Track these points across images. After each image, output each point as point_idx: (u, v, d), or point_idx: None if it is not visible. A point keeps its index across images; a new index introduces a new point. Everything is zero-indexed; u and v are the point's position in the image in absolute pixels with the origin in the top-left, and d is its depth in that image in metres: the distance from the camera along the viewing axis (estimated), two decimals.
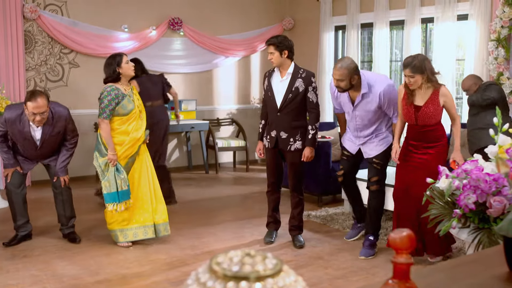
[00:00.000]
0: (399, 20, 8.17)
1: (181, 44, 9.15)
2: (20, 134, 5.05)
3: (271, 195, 5.48)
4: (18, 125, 5.01)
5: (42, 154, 5.27)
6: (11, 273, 4.62)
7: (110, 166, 5.17)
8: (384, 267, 4.79)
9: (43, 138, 5.11)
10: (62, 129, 5.17)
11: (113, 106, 5.12)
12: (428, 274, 1.65)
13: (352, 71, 4.89)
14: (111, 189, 5.17)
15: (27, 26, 7.88)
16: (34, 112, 4.83)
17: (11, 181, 5.27)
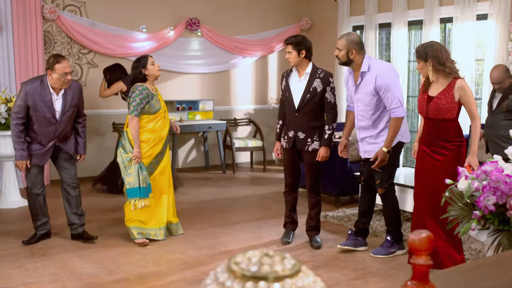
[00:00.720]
0: (418, 20, 8.11)
1: (198, 44, 9.17)
2: (43, 104, 5.10)
3: (289, 196, 5.48)
4: (40, 94, 5.09)
5: (59, 132, 5.27)
6: (30, 271, 4.66)
7: (133, 163, 5.24)
8: (403, 268, 4.76)
9: (63, 109, 5.19)
10: (77, 101, 5.31)
11: (144, 104, 5.25)
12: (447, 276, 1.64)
13: (351, 43, 4.86)
14: (134, 184, 5.26)
15: (47, 27, 7.95)
16: (66, 71, 5.06)
17: (31, 183, 5.31)
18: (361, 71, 4.90)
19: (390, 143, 4.86)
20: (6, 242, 5.43)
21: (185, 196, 7.38)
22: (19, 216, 6.38)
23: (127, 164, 5.30)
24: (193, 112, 9.12)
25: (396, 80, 4.87)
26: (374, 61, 4.98)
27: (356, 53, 4.87)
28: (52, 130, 5.23)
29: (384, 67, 4.91)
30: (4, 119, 6.46)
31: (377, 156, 4.87)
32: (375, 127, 4.99)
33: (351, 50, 4.86)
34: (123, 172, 5.33)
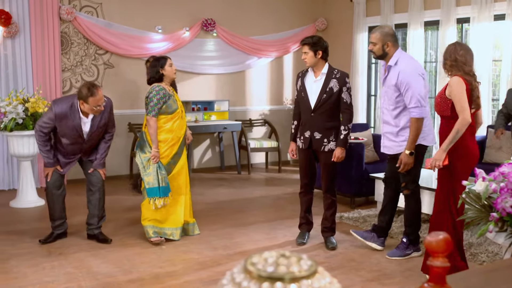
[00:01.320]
0: (434, 20, 8.07)
1: (214, 45, 9.19)
2: (70, 128, 5.12)
3: (304, 196, 5.47)
4: (69, 118, 5.09)
5: (86, 148, 5.35)
6: (46, 270, 4.70)
7: (152, 162, 5.28)
8: (418, 270, 4.73)
9: (92, 130, 5.22)
10: (106, 120, 5.30)
11: (161, 104, 5.28)
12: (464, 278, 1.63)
13: (385, 35, 4.86)
14: (153, 183, 5.28)
15: (63, 28, 8.01)
16: (98, 104, 5.01)
17: (51, 183, 5.34)
18: (388, 64, 4.91)
19: (411, 144, 4.79)
20: (23, 241, 5.48)
21: (201, 196, 7.40)
22: (35, 215, 6.43)
23: (146, 164, 5.33)
24: (208, 113, 9.14)
25: (418, 79, 4.78)
26: (404, 56, 4.94)
27: (391, 45, 4.87)
28: (79, 147, 5.31)
29: (409, 65, 4.85)
30: (21, 119, 6.52)
31: (401, 160, 4.84)
32: (395, 124, 4.96)
33: (386, 42, 4.86)
34: (142, 172, 5.36)
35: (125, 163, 8.59)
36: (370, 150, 7.41)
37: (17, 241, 5.48)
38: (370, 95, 9.37)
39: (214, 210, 6.75)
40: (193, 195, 6.97)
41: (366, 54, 9.23)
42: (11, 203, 6.87)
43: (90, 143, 5.33)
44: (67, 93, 8.06)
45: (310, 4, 9.98)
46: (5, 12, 7.36)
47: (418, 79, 4.78)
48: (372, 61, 9.30)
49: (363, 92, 9.25)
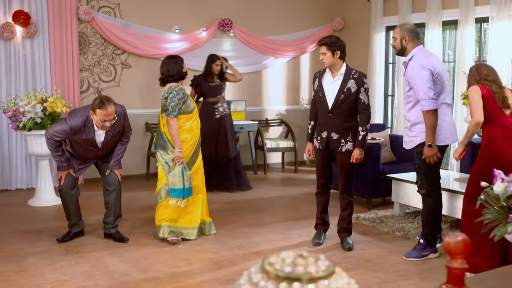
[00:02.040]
0: (453, 20, 8.00)
1: (231, 45, 9.20)
2: (83, 140, 5.15)
3: (320, 197, 5.45)
4: (83, 132, 5.11)
5: (101, 155, 5.42)
6: (64, 269, 4.73)
7: (177, 164, 5.28)
8: (436, 271, 4.70)
9: (106, 139, 5.25)
10: (121, 128, 5.30)
11: (181, 105, 5.29)
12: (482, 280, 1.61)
13: (404, 30, 4.94)
14: (178, 184, 5.28)
15: (82, 28, 8.07)
16: (105, 119, 4.96)
17: (65, 184, 5.38)
18: (404, 59, 5.00)
19: (429, 136, 4.80)
20: (41, 239, 5.52)
21: (216, 196, 7.41)
22: (53, 214, 6.48)
23: (171, 164, 5.33)
24: None
25: (422, 72, 4.78)
26: (420, 52, 4.92)
27: (409, 40, 4.91)
28: (94, 155, 5.37)
29: (418, 60, 4.86)
30: (40, 119, 6.57)
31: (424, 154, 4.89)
32: (408, 118, 5.02)
33: (404, 37, 4.92)
34: (167, 172, 5.35)
35: (142, 162, 8.62)
36: (387, 150, 7.37)
37: (35, 239, 5.53)
38: (387, 95, 9.32)
39: (230, 210, 6.75)
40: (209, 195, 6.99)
41: (384, 54, 9.18)
42: (29, 202, 6.94)
43: (105, 150, 5.38)
44: (85, 92, 8.12)
45: (327, 4, 9.95)
46: (24, 13, 7.43)
47: (422, 72, 4.78)
48: (389, 61, 9.25)
49: (380, 93, 9.21)
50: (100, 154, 5.39)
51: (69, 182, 5.38)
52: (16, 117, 6.59)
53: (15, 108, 6.59)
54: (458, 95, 7.72)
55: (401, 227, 5.94)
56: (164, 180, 5.39)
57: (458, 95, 7.72)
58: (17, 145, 7.71)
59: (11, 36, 7.45)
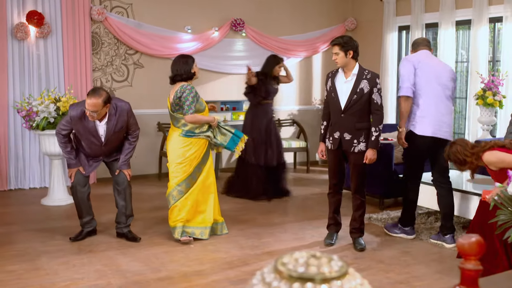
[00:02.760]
0: (466, 20, 7.96)
1: (243, 45, 9.20)
2: (85, 130, 5.20)
3: (333, 197, 5.44)
4: (83, 121, 5.16)
5: (106, 151, 5.41)
6: (77, 267, 4.76)
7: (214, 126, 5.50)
8: (449, 273, 4.68)
9: (108, 134, 5.25)
10: (124, 124, 5.31)
11: (195, 102, 5.33)
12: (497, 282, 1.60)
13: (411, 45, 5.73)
14: (227, 139, 5.55)
15: (94, 28, 8.10)
16: (87, 108, 5.00)
17: (76, 180, 5.41)
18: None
19: (400, 120, 5.51)
20: (54, 238, 5.56)
21: (228, 196, 7.41)
22: (66, 213, 6.52)
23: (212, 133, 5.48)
24: (237, 113, 9.16)
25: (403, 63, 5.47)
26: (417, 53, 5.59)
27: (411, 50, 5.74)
28: (99, 150, 5.37)
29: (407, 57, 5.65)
30: (53, 118, 6.61)
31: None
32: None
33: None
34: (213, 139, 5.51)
35: (154, 162, 8.65)
36: (399, 150, 7.33)
37: (48, 238, 5.56)
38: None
39: (242, 210, 6.76)
40: (222, 195, 7.00)
41: (396, 54, 9.15)
42: (43, 201, 6.98)
43: (110, 146, 5.37)
44: None
45: (339, 3, 9.93)
46: (38, 13, 7.48)
47: (404, 63, 5.45)
48: None
49: (392, 93, 9.17)
50: (105, 150, 5.38)
51: (80, 179, 5.41)
52: (29, 116, 6.64)
53: (28, 107, 6.63)
54: (472, 95, 7.68)
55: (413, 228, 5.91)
56: (175, 181, 5.40)
57: (472, 95, 7.68)
58: (30, 144, 7.76)
59: (25, 36, 7.50)
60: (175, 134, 5.44)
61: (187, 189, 5.40)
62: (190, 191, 5.41)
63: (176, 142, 5.41)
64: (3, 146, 7.56)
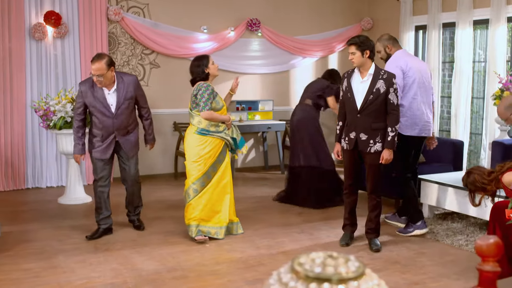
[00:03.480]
0: (484, 19, 7.89)
1: (258, 44, 9.21)
2: (96, 100, 5.38)
3: (348, 197, 5.42)
4: (92, 92, 5.38)
5: (117, 124, 5.48)
6: (93, 266, 4.79)
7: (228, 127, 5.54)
8: (466, 274, 4.64)
9: (118, 103, 5.43)
10: (133, 94, 5.51)
11: (211, 100, 5.37)
12: None
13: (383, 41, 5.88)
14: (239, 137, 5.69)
15: (111, 28, 8.15)
16: (92, 73, 5.25)
17: (97, 175, 5.57)
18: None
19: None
20: (71, 237, 5.60)
21: (244, 196, 7.42)
22: (83, 212, 6.56)
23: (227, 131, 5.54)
24: (252, 112, 9.17)
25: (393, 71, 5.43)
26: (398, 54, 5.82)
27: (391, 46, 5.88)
28: (111, 123, 5.46)
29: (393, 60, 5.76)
30: (70, 118, 6.66)
31: None
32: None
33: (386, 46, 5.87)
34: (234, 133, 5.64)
35: (170, 161, 8.68)
36: None
37: (64, 236, 5.60)
38: None
39: (257, 210, 6.76)
40: (237, 194, 6.99)
41: (413, 54, 9.09)
42: (59, 200, 7.03)
43: (120, 119, 5.47)
44: None
45: (355, 3, 9.89)
46: (55, 13, 7.54)
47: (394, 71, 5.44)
48: None
49: None
50: (116, 124, 5.46)
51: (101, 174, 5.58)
52: (46, 116, 6.69)
53: (46, 107, 6.69)
54: (489, 95, 7.61)
55: (429, 229, 5.87)
56: (191, 179, 5.44)
57: (489, 95, 7.61)
58: (47, 143, 7.83)
59: (43, 36, 7.57)
60: (190, 132, 5.49)
61: (202, 188, 5.42)
62: (204, 190, 5.43)
63: (191, 141, 5.45)
64: (20, 145, 7.64)
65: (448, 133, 8.74)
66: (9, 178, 7.63)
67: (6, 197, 7.19)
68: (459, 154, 7.14)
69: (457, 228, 5.92)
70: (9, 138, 7.56)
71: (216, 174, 5.47)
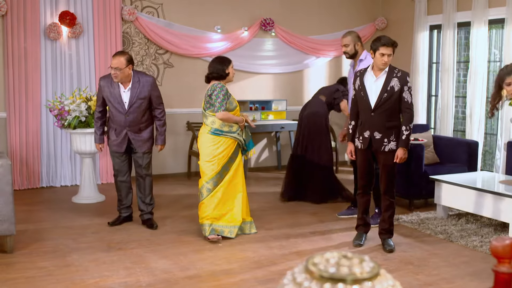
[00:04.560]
0: (499, 18, 7.82)
1: (272, 44, 9.20)
2: (112, 95, 5.68)
3: (362, 198, 5.40)
4: (109, 87, 5.68)
5: (129, 121, 5.69)
6: (106, 265, 4.81)
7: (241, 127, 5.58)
8: (480, 275, 4.61)
9: (131, 101, 5.63)
10: (147, 94, 5.69)
11: (226, 100, 5.40)
12: None
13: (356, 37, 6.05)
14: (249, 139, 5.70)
15: (125, 28, 8.18)
16: (111, 66, 5.56)
17: (116, 169, 5.90)
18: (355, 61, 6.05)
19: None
20: (84, 235, 5.63)
21: (257, 195, 7.42)
22: (96, 211, 6.59)
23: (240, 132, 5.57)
24: (266, 112, 9.16)
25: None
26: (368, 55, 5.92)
27: (360, 45, 6.04)
28: (123, 119, 5.70)
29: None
30: (84, 117, 6.69)
31: None
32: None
33: (356, 43, 5.98)
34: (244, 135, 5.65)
35: (183, 161, 8.70)
36: (430, 151, 7.26)
37: (78, 235, 5.63)
38: (430, 95, 9.18)
39: (270, 210, 6.75)
40: (250, 194, 6.99)
41: (427, 54, 9.05)
42: (73, 199, 7.07)
43: (132, 116, 5.69)
44: None
45: (369, 3, 9.85)
46: (70, 13, 7.58)
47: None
48: (433, 61, 9.11)
49: (423, 92, 9.07)
50: (128, 121, 5.68)
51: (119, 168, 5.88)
52: (61, 115, 6.73)
53: (60, 106, 6.73)
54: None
55: (443, 230, 5.84)
56: (205, 178, 5.46)
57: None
58: (62, 143, 7.88)
59: (58, 36, 7.61)
60: (204, 131, 5.50)
61: (214, 187, 5.45)
62: (216, 189, 5.45)
63: (205, 141, 5.47)
64: (35, 144, 7.69)
65: (463, 134, 8.68)
66: (24, 177, 7.69)
67: (21, 196, 7.24)
68: (474, 154, 7.09)
69: (471, 229, 5.88)
70: (24, 137, 7.61)
71: (228, 173, 5.49)
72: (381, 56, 4.99)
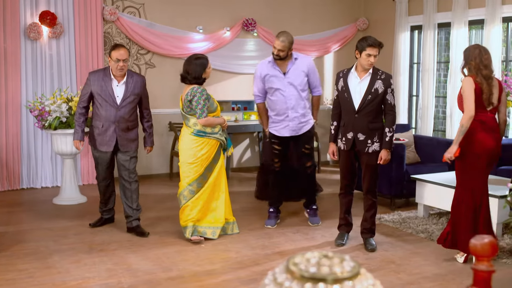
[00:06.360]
0: (479, 19, 7.90)
1: (254, 44, 9.20)
2: (102, 90, 5.52)
3: (344, 198, 5.42)
4: (102, 80, 5.53)
5: (119, 117, 5.56)
6: (88, 266, 4.78)
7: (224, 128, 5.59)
8: (460, 274, 4.65)
9: (125, 95, 5.55)
10: (139, 91, 5.63)
11: (207, 105, 5.35)
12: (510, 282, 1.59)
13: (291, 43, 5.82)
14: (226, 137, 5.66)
15: (107, 28, 8.13)
16: (118, 58, 5.43)
17: (99, 174, 5.79)
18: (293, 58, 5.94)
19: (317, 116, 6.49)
20: (66, 237, 5.58)
21: (239, 195, 7.41)
22: (78, 212, 6.54)
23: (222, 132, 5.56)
24: (248, 112, 9.16)
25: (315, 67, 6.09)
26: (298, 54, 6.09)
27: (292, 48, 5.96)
28: (113, 113, 5.55)
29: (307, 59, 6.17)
30: (65, 118, 6.64)
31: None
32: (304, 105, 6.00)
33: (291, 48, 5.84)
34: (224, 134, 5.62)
35: (165, 162, 8.67)
36: (411, 151, 7.32)
37: (59, 237, 5.59)
38: (411, 95, 9.25)
39: (252, 210, 6.76)
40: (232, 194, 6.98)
41: (408, 54, 9.11)
42: (54, 200, 7.01)
43: (123, 110, 5.56)
44: None
45: (351, 3, 9.90)
46: (51, 13, 7.52)
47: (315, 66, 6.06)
48: (414, 61, 9.18)
49: (404, 92, 9.14)
50: (118, 116, 5.55)
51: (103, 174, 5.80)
52: (42, 116, 6.68)
53: (41, 107, 6.67)
54: None
55: (424, 229, 5.89)
56: (186, 181, 5.42)
57: None
58: (42, 143, 7.81)
59: (38, 36, 7.55)
60: (186, 133, 5.46)
61: (199, 189, 5.41)
62: (201, 191, 5.42)
63: (187, 142, 5.42)
64: (15, 145, 7.61)
65: (443, 133, 8.76)
66: (4, 178, 7.61)
67: (1, 198, 7.17)
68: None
69: None
70: (4, 138, 7.53)
71: (212, 174, 5.47)
72: (367, 56, 5.02)
